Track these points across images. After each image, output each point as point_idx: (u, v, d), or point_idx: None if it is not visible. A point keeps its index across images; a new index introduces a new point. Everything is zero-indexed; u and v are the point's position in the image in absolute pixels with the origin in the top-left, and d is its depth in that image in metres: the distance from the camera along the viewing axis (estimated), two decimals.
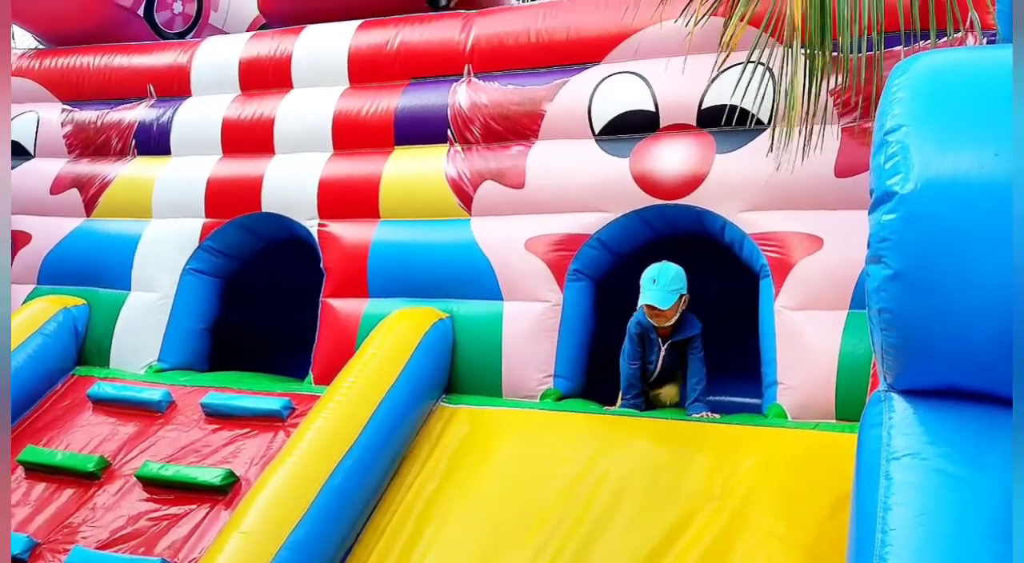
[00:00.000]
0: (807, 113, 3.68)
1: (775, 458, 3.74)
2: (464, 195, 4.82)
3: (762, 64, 3.92)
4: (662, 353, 4.31)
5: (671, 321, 4.21)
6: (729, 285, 4.67)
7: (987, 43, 3.69)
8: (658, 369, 4.35)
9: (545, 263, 4.57)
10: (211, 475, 4.21)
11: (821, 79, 3.66)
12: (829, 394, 3.88)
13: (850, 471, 2.64)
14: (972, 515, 2.08)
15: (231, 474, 4.21)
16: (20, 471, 4.55)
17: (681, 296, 4.16)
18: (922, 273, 2.18)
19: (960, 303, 2.15)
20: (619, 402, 4.41)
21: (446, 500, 3.97)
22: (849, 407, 3.71)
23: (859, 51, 3.67)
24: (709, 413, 4.13)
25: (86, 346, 5.44)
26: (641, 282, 4.15)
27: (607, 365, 4.85)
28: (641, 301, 4.14)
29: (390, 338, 4.53)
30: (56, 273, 5.70)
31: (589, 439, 4.08)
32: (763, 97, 4.11)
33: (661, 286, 4.11)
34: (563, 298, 4.53)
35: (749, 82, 3.96)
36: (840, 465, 3.17)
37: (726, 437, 3.91)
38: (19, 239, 5.84)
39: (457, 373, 4.65)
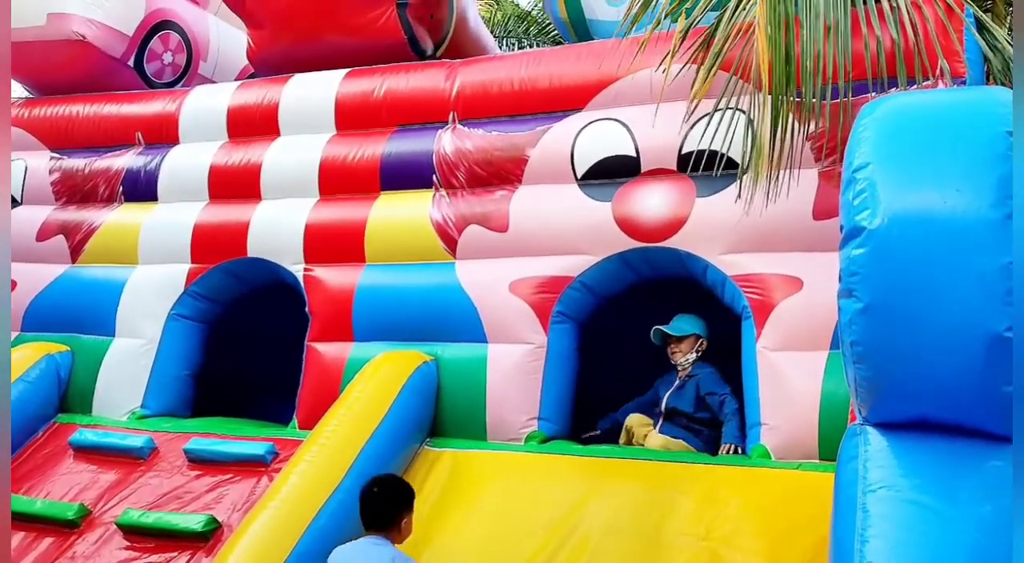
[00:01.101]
0: (776, 157, 3.75)
1: (759, 498, 3.74)
2: (449, 239, 4.87)
3: (739, 110, 4.01)
4: (672, 386, 4.57)
5: (687, 357, 4.58)
6: (713, 328, 4.70)
7: None
8: (665, 399, 4.55)
9: (529, 305, 4.60)
10: (193, 521, 4.17)
11: (787, 125, 3.74)
12: (812, 434, 3.90)
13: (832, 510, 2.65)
14: (946, 546, 2.09)
15: (213, 520, 4.17)
16: None
17: (696, 335, 4.59)
18: (892, 306, 2.22)
19: (928, 335, 2.19)
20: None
21: (431, 545, 3.94)
22: (831, 446, 3.70)
23: (826, 98, 3.76)
24: (734, 447, 4.21)
25: (69, 393, 5.41)
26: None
27: (591, 407, 4.86)
28: (655, 335, 4.62)
29: (374, 381, 4.53)
30: (40, 320, 5.68)
31: (574, 482, 4.08)
32: (742, 141, 4.19)
33: (676, 322, 4.64)
34: (547, 340, 4.55)
35: (727, 127, 4.04)
36: (823, 504, 3.17)
37: (710, 478, 3.91)
38: None
39: (441, 416, 4.64)
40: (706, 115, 4.25)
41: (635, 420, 4.59)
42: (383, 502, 3.46)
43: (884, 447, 2.37)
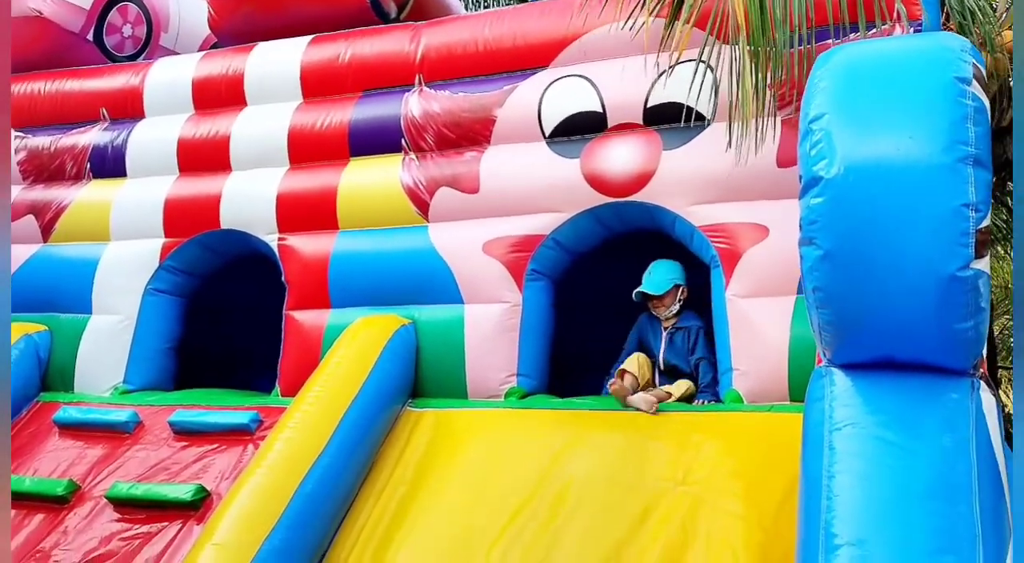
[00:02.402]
0: (758, 106, 3.82)
1: (733, 442, 3.86)
2: (420, 202, 4.90)
3: (704, 62, 4.05)
4: (663, 341, 4.51)
5: (670, 310, 4.51)
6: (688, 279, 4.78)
7: (914, 32, 3.85)
8: (661, 358, 4.50)
9: (503, 265, 4.66)
10: (182, 491, 4.23)
11: (766, 74, 3.80)
12: (782, 377, 4.01)
13: None
14: (910, 478, 2.20)
15: (202, 489, 4.23)
16: None
17: (677, 286, 4.51)
18: (850, 252, 2.30)
19: (885, 278, 2.27)
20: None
21: (416, 504, 4.03)
22: (801, 388, 3.79)
23: (792, 46, 3.81)
24: (709, 401, 4.26)
25: (49, 371, 5.42)
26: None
27: (568, 362, 4.95)
28: (636, 292, 4.49)
29: (354, 346, 4.59)
30: (15, 300, 5.59)
31: (554, 435, 4.17)
32: (708, 94, 4.25)
33: (655, 276, 4.51)
34: (522, 298, 4.62)
35: (693, 80, 4.08)
36: (795, 445, 3.26)
37: (686, 424, 4.02)
38: None
39: (422, 377, 4.72)
40: (670, 67, 4.29)
41: (637, 363, 4.46)
42: None
43: (848, 387, 2.47)
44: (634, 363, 4.42)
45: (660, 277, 4.52)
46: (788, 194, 4.10)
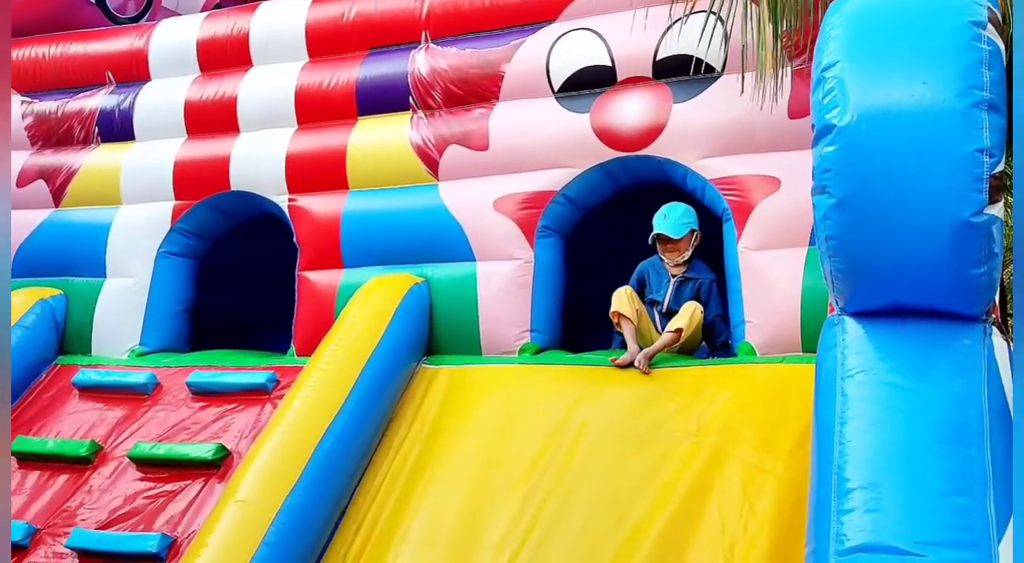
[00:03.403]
0: (776, 56, 3.80)
1: (747, 393, 3.89)
2: (430, 161, 4.89)
3: (714, 13, 4.01)
4: (671, 287, 4.39)
5: (684, 255, 4.38)
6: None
7: None
8: (666, 304, 4.39)
9: (514, 222, 4.66)
10: (203, 450, 4.30)
11: (782, 23, 3.77)
12: (794, 328, 4.04)
13: None
14: (921, 422, 2.22)
15: (222, 448, 4.30)
16: (13, 462, 4.61)
17: (692, 231, 4.38)
18: (863, 199, 2.31)
19: (899, 225, 2.28)
20: None
21: (434, 459, 4.09)
22: (813, 339, 3.81)
23: None
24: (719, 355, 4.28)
25: (67, 335, 5.48)
26: (653, 221, 4.38)
27: (581, 317, 4.98)
28: (653, 232, 4.35)
29: (368, 306, 4.62)
30: (30, 265, 5.70)
31: (568, 389, 4.21)
32: (719, 45, 4.21)
33: (672, 219, 4.36)
34: (534, 255, 4.63)
35: (703, 32, 4.04)
36: (808, 394, 3.29)
37: (699, 377, 4.05)
38: None
39: (436, 335, 4.75)
40: (680, 18, 4.25)
41: (629, 301, 4.33)
42: None
43: (860, 335, 2.49)
44: (624, 303, 4.29)
45: (677, 220, 4.38)
46: (800, 145, 4.09)
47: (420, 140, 4.92)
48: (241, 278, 6.18)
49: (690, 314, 4.22)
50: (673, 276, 4.43)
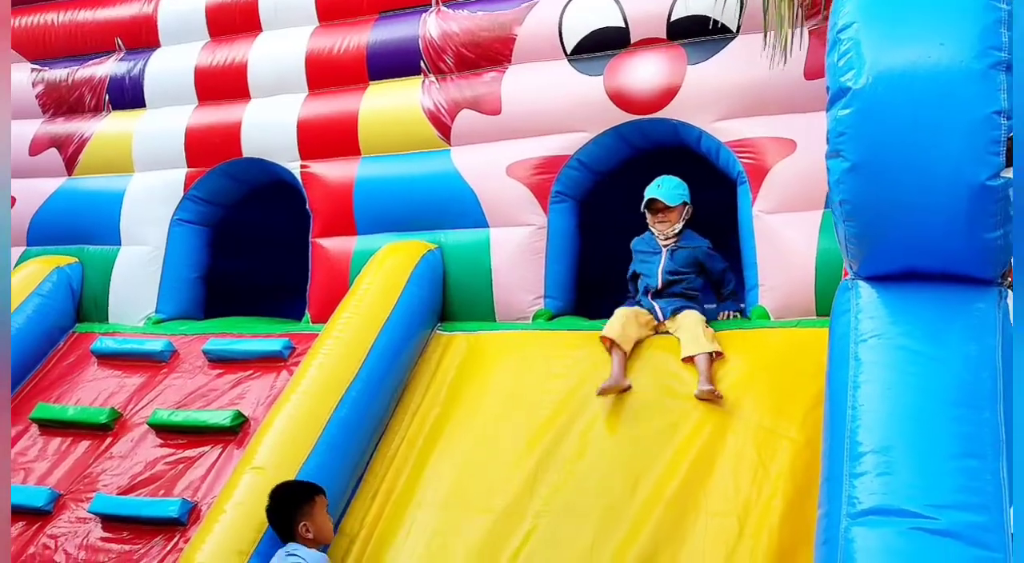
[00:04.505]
0: (792, 15, 3.73)
1: (761, 357, 3.89)
2: (442, 126, 4.86)
3: None
4: (663, 258, 4.26)
5: (675, 227, 4.27)
6: (708, 196, 4.75)
7: None
8: (660, 277, 4.24)
9: (527, 187, 4.64)
10: (220, 417, 4.35)
11: None
12: (808, 292, 4.02)
13: None
14: (934, 386, 2.22)
15: (240, 415, 4.35)
16: (34, 429, 4.68)
17: (684, 203, 4.28)
18: (878, 163, 2.28)
19: (914, 188, 2.25)
20: None
21: (450, 424, 4.12)
22: (828, 302, 3.78)
23: None
24: (734, 313, 4.20)
25: (83, 303, 5.53)
26: (645, 193, 4.28)
27: (594, 283, 4.97)
28: (645, 200, 4.25)
29: (381, 273, 4.63)
30: (44, 234, 5.75)
31: (582, 355, 4.21)
32: (735, 6, 4.14)
33: (666, 188, 4.27)
34: (547, 220, 4.62)
35: None
36: (821, 358, 3.29)
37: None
38: None
39: (450, 301, 4.76)
40: None
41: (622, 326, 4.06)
42: (275, 515, 3.42)
43: (874, 299, 2.48)
44: (616, 328, 4.03)
45: (671, 190, 4.29)
46: (815, 107, 4.02)
47: (432, 105, 4.89)
48: (255, 245, 6.20)
49: (701, 332, 3.97)
50: (664, 247, 4.30)
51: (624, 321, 4.07)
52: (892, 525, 2.16)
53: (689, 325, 4.01)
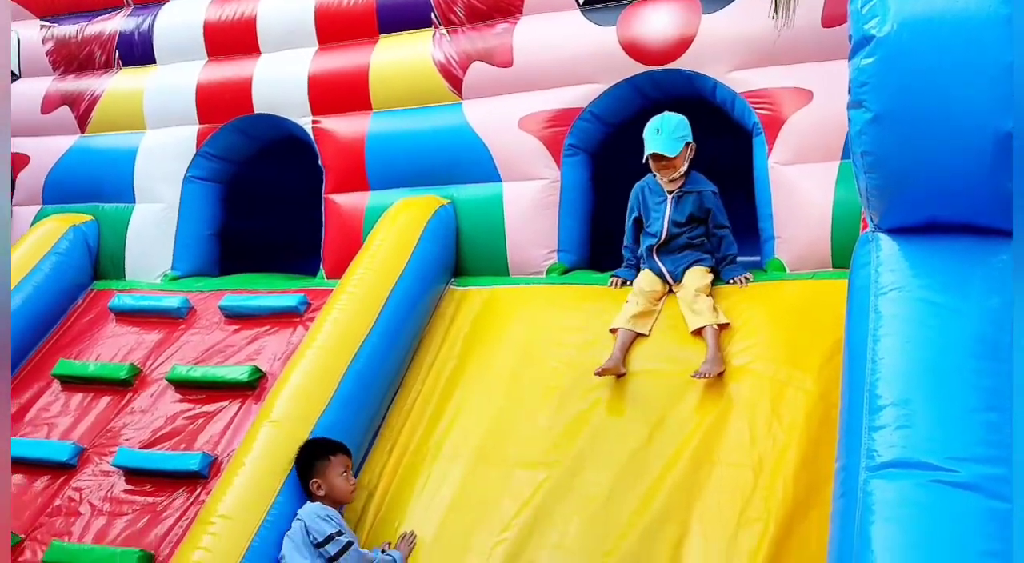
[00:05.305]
0: None
1: (776, 309, 3.88)
2: (453, 79, 4.81)
3: None
4: (668, 205, 4.08)
5: (679, 171, 4.08)
6: (724, 147, 4.70)
7: None
8: (665, 226, 4.09)
9: (540, 140, 4.60)
10: (238, 372, 4.39)
11: None
12: (825, 243, 3.99)
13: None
14: (955, 338, 2.21)
15: (257, 370, 4.39)
16: (56, 385, 4.74)
17: (687, 144, 4.06)
18: (901, 113, 2.24)
19: (938, 139, 2.22)
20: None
21: (465, 378, 4.15)
22: (844, 254, 3.78)
23: None
24: (745, 276, 4.04)
25: (100, 260, 5.56)
26: (644, 136, 4.05)
27: (608, 236, 4.95)
28: (646, 152, 4.02)
29: (394, 228, 4.63)
30: (59, 192, 5.76)
31: (596, 308, 4.22)
32: None
33: (666, 134, 4.02)
34: (560, 174, 4.58)
35: None
36: (837, 310, 3.30)
37: (728, 294, 4.03)
38: (18, 161, 5.88)
39: (463, 256, 4.76)
40: None
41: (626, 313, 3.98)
42: (297, 472, 3.53)
43: (895, 251, 2.45)
44: (628, 319, 3.95)
45: (671, 134, 4.01)
46: (833, 55, 3.98)
47: (443, 58, 4.83)
48: (268, 202, 6.19)
49: (701, 283, 3.94)
50: (670, 192, 4.12)
51: (637, 312, 3.97)
52: (911, 478, 2.17)
53: (687, 290, 3.94)
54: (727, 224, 4.14)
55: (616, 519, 3.36)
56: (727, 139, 4.59)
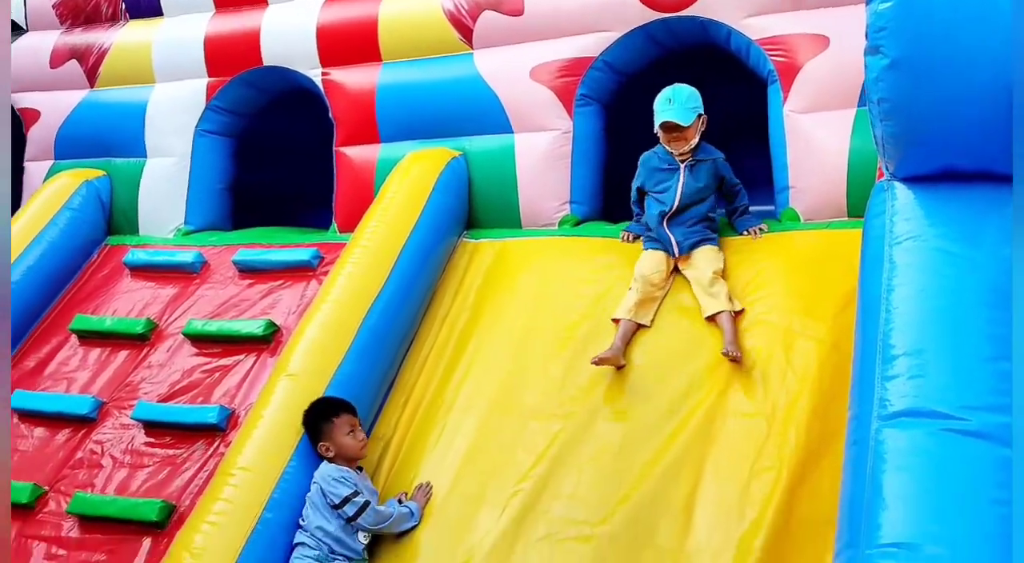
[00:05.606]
0: None
1: (790, 260, 3.87)
2: (464, 28, 4.75)
3: None
4: (681, 176, 3.97)
5: (692, 143, 3.95)
6: (738, 96, 4.64)
7: None
8: (678, 195, 3.95)
9: (552, 91, 4.55)
10: (253, 326, 4.42)
11: None
12: (840, 193, 3.95)
13: None
14: (969, 288, 2.19)
15: (272, 324, 4.41)
16: (74, 339, 4.79)
17: (699, 115, 3.95)
18: (919, 59, 2.20)
19: (956, 85, 2.18)
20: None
21: (478, 330, 4.16)
22: (860, 204, 3.74)
23: None
24: (759, 227, 4.00)
25: (113, 216, 5.57)
26: (655, 107, 3.96)
27: (621, 187, 4.92)
28: (657, 121, 3.92)
29: (406, 181, 4.61)
30: (71, 147, 5.75)
31: (609, 260, 4.21)
32: None
33: (678, 104, 3.90)
34: (573, 124, 4.54)
35: None
36: (852, 260, 3.27)
37: (742, 245, 4.01)
38: (28, 117, 5.87)
39: (476, 209, 4.75)
40: None
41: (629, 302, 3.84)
42: (308, 440, 3.57)
43: (911, 200, 2.43)
44: (627, 307, 3.82)
45: (683, 105, 3.89)
46: (850, 0, 3.90)
47: (452, 6, 4.76)
48: (279, 155, 6.18)
49: (718, 266, 3.82)
50: (682, 162, 3.99)
51: (639, 299, 3.83)
52: (923, 427, 2.18)
53: (702, 272, 3.80)
54: (739, 181, 4.09)
55: (630, 468, 3.39)
56: (742, 87, 4.52)
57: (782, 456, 3.23)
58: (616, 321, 3.85)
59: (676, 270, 3.97)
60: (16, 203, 5.60)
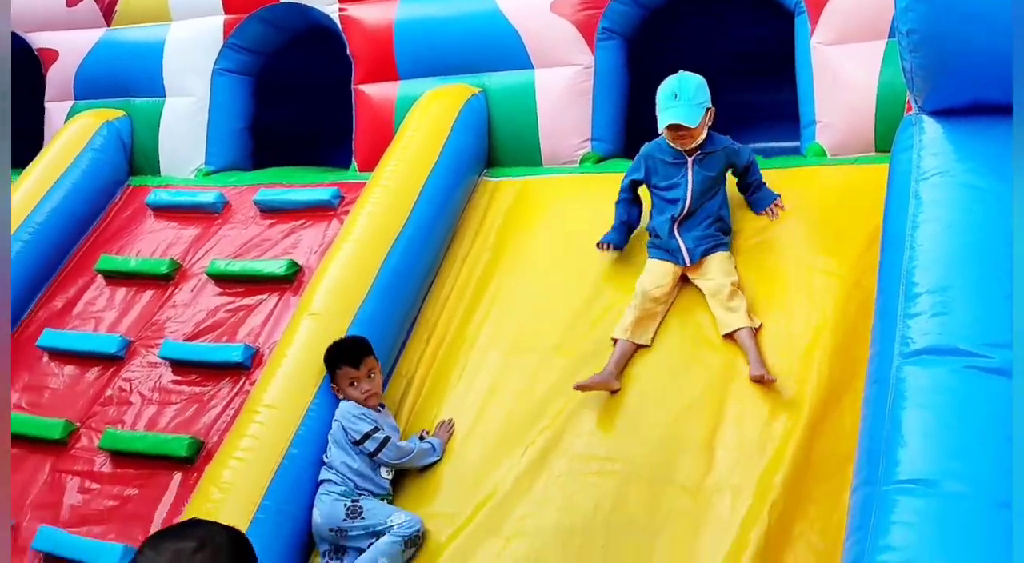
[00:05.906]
0: None
1: (815, 196, 3.81)
2: None
3: None
4: (690, 172, 3.63)
5: (698, 141, 3.60)
6: (765, 30, 4.53)
7: None
8: (688, 193, 3.61)
9: (573, 25, 4.46)
10: (276, 266, 4.44)
11: None
12: (868, 127, 3.87)
13: None
14: (996, 224, 2.15)
15: (294, 264, 4.43)
16: (100, 279, 4.85)
17: (707, 109, 3.57)
18: None
19: (987, 16, 2.10)
20: None
21: (500, 268, 4.16)
22: (888, 139, 3.65)
23: None
24: (775, 204, 3.73)
25: (134, 156, 5.57)
26: (658, 100, 3.59)
27: (644, 123, 4.84)
28: (662, 122, 3.54)
29: (426, 119, 4.57)
30: (90, 87, 5.73)
31: None
32: None
33: (685, 100, 3.50)
34: (594, 60, 4.46)
35: None
36: (878, 196, 3.22)
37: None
38: (47, 57, 5.84)
39: (496, 147, 4.70)
40: None
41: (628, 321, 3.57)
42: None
43: (939, 134, 2.37)
44: (626, 327, 3.55)
45: (691, 100, 3.51)
46: None
47: None
48: (298, 93, 6.13)
49: (736, 276, 3.56)
50: (690, 156, 3.64)
51: (637, 316, 3.55)
52: (945, 364, 2.16)
53: (718, 284, 3.51)
54: (751, 159, 3.73)
55: (652, 406, 3.40)
56: (767, 19, 4.40)
57: (804, 393, 3.22)
58: (614, 342, 3.56)
59: (684, 279, 3.67)
60: (38, 144, 5.63)
